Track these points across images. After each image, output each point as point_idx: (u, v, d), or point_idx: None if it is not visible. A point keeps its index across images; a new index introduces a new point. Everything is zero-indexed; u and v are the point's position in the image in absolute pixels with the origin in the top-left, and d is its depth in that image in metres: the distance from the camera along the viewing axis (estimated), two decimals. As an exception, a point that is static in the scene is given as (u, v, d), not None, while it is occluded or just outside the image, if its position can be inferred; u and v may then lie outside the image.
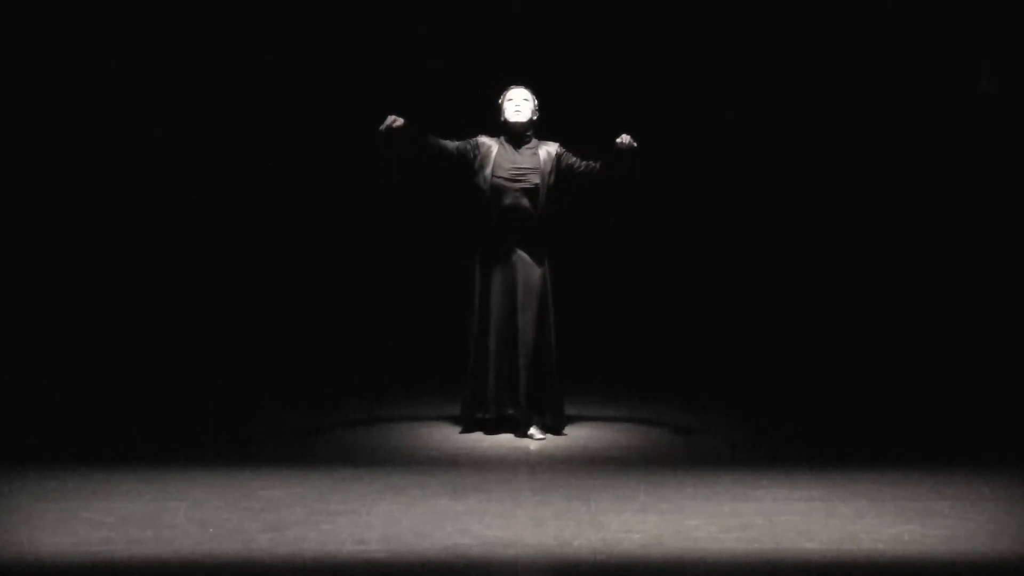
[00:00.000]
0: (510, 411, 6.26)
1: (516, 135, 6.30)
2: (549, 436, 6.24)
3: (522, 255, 6.25)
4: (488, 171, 6.24)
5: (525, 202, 6.24)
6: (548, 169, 6.26)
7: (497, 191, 6.23)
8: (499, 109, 6.34)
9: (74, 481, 5.18)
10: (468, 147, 6.30)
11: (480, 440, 6.18)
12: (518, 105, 6.31)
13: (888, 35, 7.94)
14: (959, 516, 4.75)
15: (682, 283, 8.24)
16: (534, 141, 6.33)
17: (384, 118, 6.00)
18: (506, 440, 6.17)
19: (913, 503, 4.93)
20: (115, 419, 6.63)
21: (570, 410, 6.47)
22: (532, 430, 6.22)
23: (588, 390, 7.20)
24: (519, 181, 6.24)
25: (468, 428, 6.36)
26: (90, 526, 4.54)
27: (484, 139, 6.33)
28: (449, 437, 6.26)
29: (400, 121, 6.04)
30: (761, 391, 7.55)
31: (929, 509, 4.84)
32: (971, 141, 7.92)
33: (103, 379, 7.46)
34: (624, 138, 6.05)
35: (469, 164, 6.28)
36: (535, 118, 6.34)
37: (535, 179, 6.24)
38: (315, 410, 6.98)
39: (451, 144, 6.29)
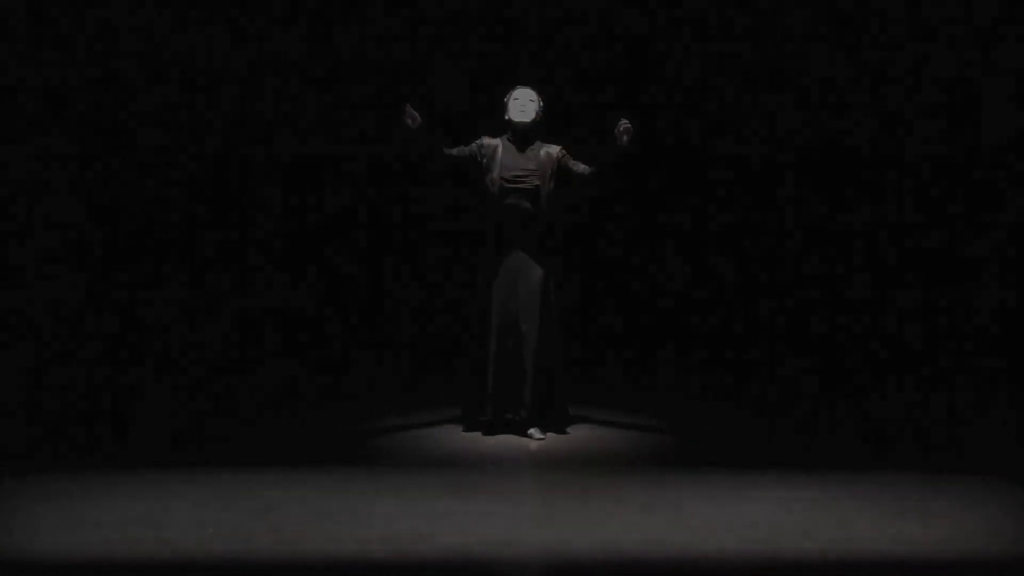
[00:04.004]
0: (509, 415, 6.26)
1: (520, 135, 6.30)
2: (550, 435, 6.24)
3: (525, 257, 6.25)
4: (495, 173, 6.25)
5: (527, 204, 6.24)
6: (549, 171, 6.26)
7: (501, 192, 6.23)
8: (504, 108, 6.35)
9: (74, 481, 5.18)
10: (475, 149, 6.31)
11: (480, 440, 6.18)
12: (523, 105, 6.31)
13: (890, 33, 7.95)
14: (959, 516, 4.75)
15: (683, 283, 8.23)
16: (537, 143, 6.33)
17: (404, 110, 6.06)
18: (506, 440, 6.17)
19: (913, 503, 4.93)
20: (116, 420, 6.63)
21: (572, 410, 6.47)
22: (532, 430, 6.22)
23: (589, 390, 7.20)
24: (521, 183, 6.24)
25: (468, 429, 6.36)
26: (90, 526, 4.54)
27: (488, 140, 6.33)
28: (449, 437, 6.26)
29: (417, 121, 6.06)
30: (762, 391, 7.55)
31: (929, 509, 4.84)
32: (970, 142, 7.92)
33: (104, 379, 7.45)
34: (623, 124, 6.04)
35: (478, 166, 6.29)
36: (540, 119, 6.34)
37: (536, 181, 6.25)
38: (315, 410, 6.98)
39: (458, 150, 6.29)
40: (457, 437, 6.26)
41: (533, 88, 6.36)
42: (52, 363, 7.54)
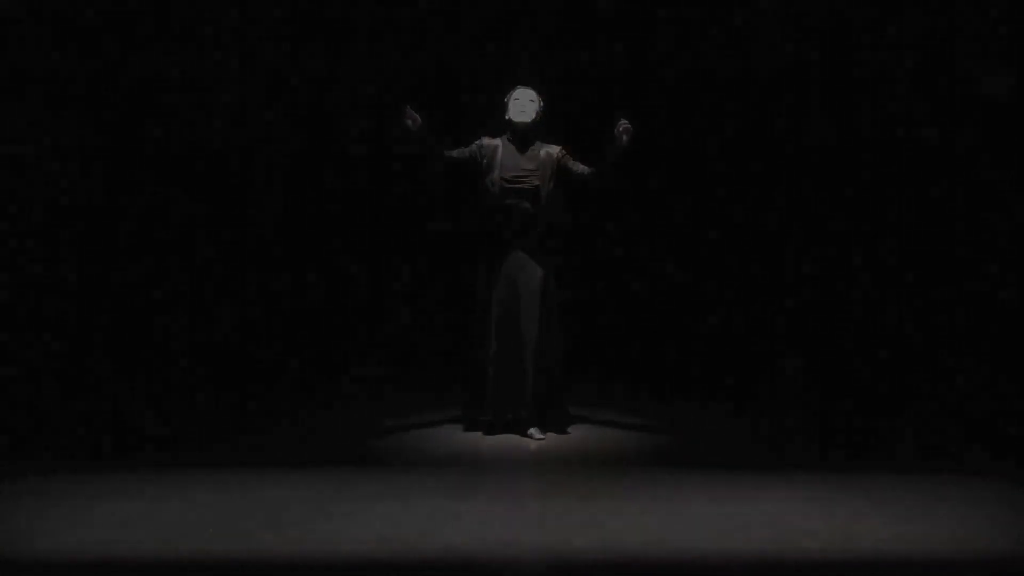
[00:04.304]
0: (509, 415, 6.26)
1: (520, 135, 6.31)
2: (550, 435, 6.24)
3: (524, 257, 6.26)
4: (496, 173, 6.25)
5: (527, 204, 6.25)
6: (548, 171, 6.27)
7: (501, 192, 6.24)
8: (504, 107, 6.36)
9: (74, 481, 5.19)
10: (475, 149, 6.31)
11: (480, 440, 6.18)
12: (523, 106, 6.32)
13: (891, 31, 7.95)
14: (959, 516, 4.75)
15: (683, 281, 8.23)
16: (537, 143, 6.33)
17: (404, 111, 6.05)
18: (506, 440, 6.18)
19: (913, 503, 4.93)
20: (116, 419, 6.63)
21: (572, 410, 6.47)
22: (532, 430, 6.22)
23: (589, 390, 7.20)
24: (521, 182, 6.25)
25: (468, 428, 6.36)
26: (90, 526, 4.54)
27: (487, 140, 6.34)
28: (449, 437, 6.26)
29: (417, 122, 6.06)
30: (762, 391, 7.55)
31: (929, 509, 4.84)
32: (969, 141, 7.92)
33: (104, 379, 7.46)
34: (622, 124, 6.04)
35: (478, 166, 6.30)
36: (540, 119, 6.34)
37: (536, 181, 6.25)
38: (314, 410, 6.98)
39: (458, 152, 6.30)
40: (457, 437, 6.26)
41: (533, 88, 6.37)
42: (52, 363, 7.54)
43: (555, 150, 6.31)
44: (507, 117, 6.34)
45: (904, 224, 8.03)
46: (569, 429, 6.35)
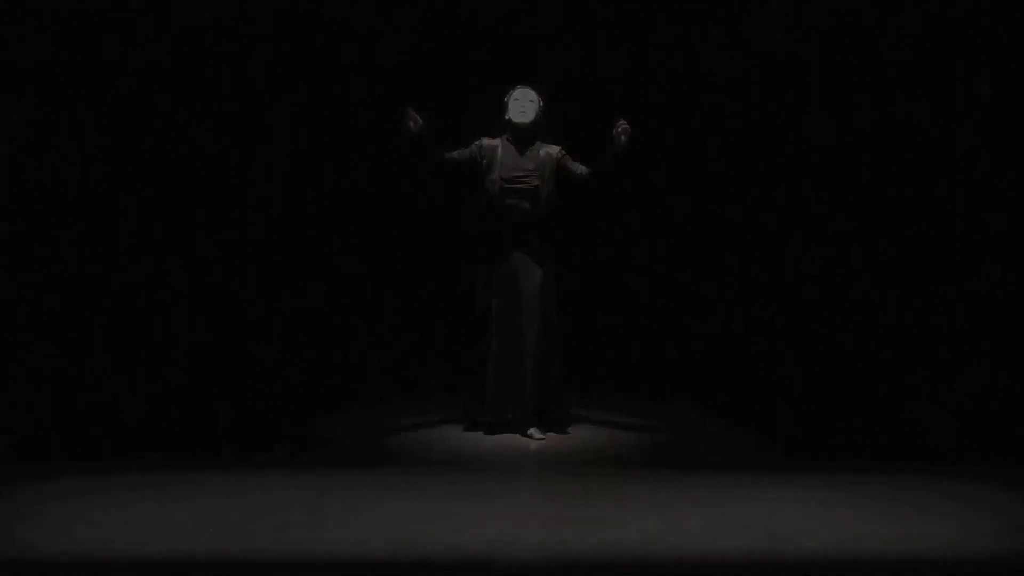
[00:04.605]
0: (509, 415, 6.26)
1: (520, 136, 6.30)
2: (550, 435, 6.24)
3: (524, 257, 6.26)
4: (495, 173, 6.26)
5: (527, 204, 6.25)
6: (548, 172, 6.27)
7: (500, 193, 6.24)
8: (504, 107, 6.35)
9: (74, 481, 5.19)
10: (475, 150, 6.32)
11: (480, 440, 6.19)
12: (523, 106, 6.32)
13: (888, 33, 7.95)
14: (959, 516, 4.75)
15: (683, 283, 8.23)
16: (537, 143, 6.33)
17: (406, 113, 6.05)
18: (506, 440, 6.18)
19: (913, 503, 4.93)
20: (117, 419, 6.63)
21: (572, 410, 6.47)
22: (532, 430, 6.22)
23: (589, 390, 7.21)
24: (521, 183, 6.25)
25: (468, 428, 6.36)
26: (90, 526, 4.54)
27: (487, 141, 6.34)
28: (449, 437, 6.26)
29: (419, 123, 6.06)
30: (762, 391, 7.55)
31: (929, 509, 4.84)
32: (969, 141, 7.92)
33: (104, 379, 7.45)
34: (621, 124, 6.04)
35: (478, 167, 6.30)
36: (540, 120, 6.34)
37: (536, 181, 6.25)
38: (315, 411, 6.98)
39: (459, 153, 6.30)
40: (457, 437, 6.26)
41: (533, 88, 6.37)
42: (52, 363, 7.53)
43: (555, 150, 6.31)
44: (507, 117, 6.34)
45: (904, 224, 8.03)
46: (569, 429, 6.36)
